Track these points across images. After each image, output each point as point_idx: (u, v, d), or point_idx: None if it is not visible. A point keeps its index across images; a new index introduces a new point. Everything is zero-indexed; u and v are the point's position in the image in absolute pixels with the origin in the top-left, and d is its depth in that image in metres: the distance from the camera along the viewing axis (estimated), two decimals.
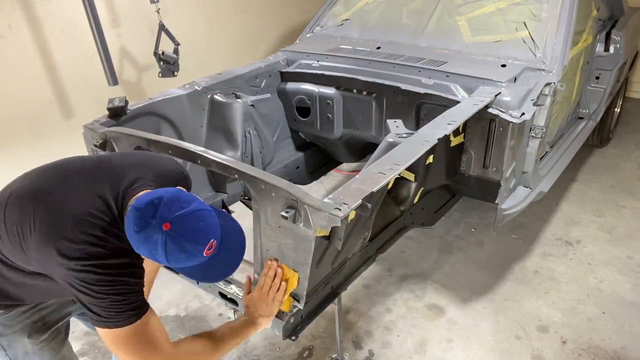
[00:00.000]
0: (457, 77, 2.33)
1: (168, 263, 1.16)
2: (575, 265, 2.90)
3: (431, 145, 1.74)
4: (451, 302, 2.67)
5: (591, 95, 3.56)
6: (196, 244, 1.15)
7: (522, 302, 2.65)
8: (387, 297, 2.73)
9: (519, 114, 2.14)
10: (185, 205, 1.15)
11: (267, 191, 1.46)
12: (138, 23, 3.49)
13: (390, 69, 2.52)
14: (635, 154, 4.11)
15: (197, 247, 1.15)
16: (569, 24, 2.50)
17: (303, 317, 1.67)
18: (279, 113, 2.86)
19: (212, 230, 1.19)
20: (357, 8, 3.11)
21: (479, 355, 2.35)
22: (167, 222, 1.12)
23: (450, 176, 2.35)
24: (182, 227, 1.13)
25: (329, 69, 2.68)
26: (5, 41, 2.88)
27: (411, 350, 2.40)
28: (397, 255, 3.04)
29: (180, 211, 1.13)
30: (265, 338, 2.51)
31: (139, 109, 2.19)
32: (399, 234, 2.18)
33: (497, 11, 2.64)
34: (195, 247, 1.15)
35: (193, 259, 1.17)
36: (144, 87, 3.60)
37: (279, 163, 2.88)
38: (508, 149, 2.19)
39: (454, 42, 2.65)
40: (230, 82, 2.57)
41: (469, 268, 2.93)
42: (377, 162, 1.64)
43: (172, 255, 1.14)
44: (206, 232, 1.17)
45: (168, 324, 2.65)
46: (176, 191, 1.19)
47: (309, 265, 1.46)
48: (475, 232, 3.24)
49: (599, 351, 2.34)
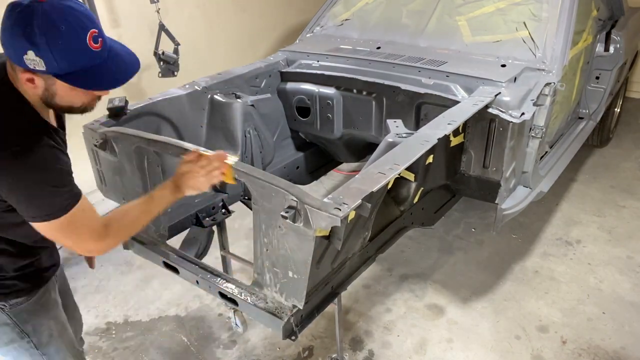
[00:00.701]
0: (457, 77, 2.33)
1: (55, 60, 1.11)
2: (575, 265, 2.90)
3: (431, 145, 1.74)
4: (451, 302, 2.67)
5: (591, 95, 3.56)
6: (78, 26, 1.12)
7: (522, 302, 2.65)
8: (387, 297, 2.73)
9: (519, 114, 2.14)
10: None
11: (267, 191, 1.46)
12: (138, 23, 3.49)
13: (390, 69, 2.52)
14: (635, 154, 4.11)
15: (79, 30, 1.12)
16: (569, 24, 2.50)
17: (303, 317, 1.67)
18: (279, 113, 2.86)
19: (92, 20, 1.16)
20: (357, 8, 3.11)
21: (479, 355, 2.35)
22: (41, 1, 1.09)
23: (450, 176, 2.35)
24: (58, 6, 1.11)
25: (329, 69, 2.68)
26: None
27: (411, 350, 2.40)
28: (397, 255, 3.04)
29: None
30: (265, 338, 2.51)
31: (139, 109, 2.19)
32: (399, 234, 2.18)
33: (497, 11, 2.64)
34: (77, 30, 1.12)
35: (80, 53, 1.13)
36: (144, 87, 3.60)
37: (279, 163, 2.88)
38: (508, 149, 2.19)
39: (454, 42, 2.65)
40: (230, 82, 2.57)
41: (469, 268, 2.93)
42: (377, 162, 1.64)
43: (53, 42, 1.09)
44: (86, 18, 1.14)
45: (168, 324, 2.66)
46: None
47: (309, 265, 1.46)
48: (475, 232, 3.24)
49: (599, 351, 2.34)
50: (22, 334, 1.40)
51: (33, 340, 1.43)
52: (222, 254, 2.45)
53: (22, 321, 1.40)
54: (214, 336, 2.56)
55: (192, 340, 2.55)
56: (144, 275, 3.02)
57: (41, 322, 1.44)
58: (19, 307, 1.38)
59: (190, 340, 2.55)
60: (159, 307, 2.77)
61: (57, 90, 1.19)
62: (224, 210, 2.39)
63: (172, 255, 1.89)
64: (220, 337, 2.55)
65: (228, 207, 2.42)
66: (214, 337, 2.55)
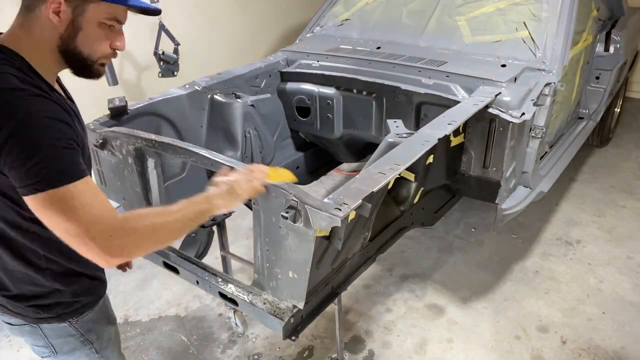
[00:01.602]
0: (457, 77, 2.33)
1: None
2: (575, 265, 2.90)
3: (431, 145, 1.74)
4: (451, 302, 2.67)
5: (591, 95, 3.56)
6: None
7: (522, 302, 2.65)
8: (387, 297, 2.73)
9: (519, 114, 2.14)
10: None
11: (267, 191, 1.46)
12: (138, 23, 3.48)
13: (390, 69, 2.52)
14: (635, 154, 4.11)
15: None
16: (569, 24, 2.50)
17: (303, 317, 1.67)
18: (279, 113, 2.86)
19: None
20: (357, 8, 3.11)
21: (479, 355, 2.35)
22: None
23: (450, 176, 2.35)
24: None
25: (329, 69, 2.68)
26: None
27: (411, 350, 2.40)
28: (397, 255, 3.04)
29: None
30: (265, 338, 2.51)
31: (139, 109, 2.19)
32: (399, 234, 2.18)
33: (497, 11, 2.64)
34: None
35: None
36: (144, 87, 3.60)
37: (279, 163, 2.88)
38: (508, 149, 2.20)
39: (454, 42, 2.65)
40: (230, 82, 2.57)
41: (469, 268, 2.93)
42: (377, 162, 1.64)
43: None
44: None
45: (168, 324, 2.66)
46: None
47: (309, 266, 1.46)
48: (475, 232, 3.24)
49: (599, 351, 2.34)
50: (86, 342, 1.37)
51: (95, 346, 1.39)
52: (222, 254, 2.45)
53: (87, 330, 1.36)
54: (214, 336, 2.56)
55: (192, 340, 2.55)
56: (144, 275, 3.02)
57: (103, 329, 1.41)
58: (85, 319, 1.34)
59: (190, 340, 2.55)
60: (159, 307, 2.77)
61: (83, 24, 1.12)
62: None
63: (172, 255, 1.89)
64: (220, 337, 2.55)
65: None
66: (214, 337, 2.55)
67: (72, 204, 1.01)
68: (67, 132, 1.06)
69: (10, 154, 1.01)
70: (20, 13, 1.13)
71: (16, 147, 1.00)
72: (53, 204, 1.01)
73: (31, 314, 1.27)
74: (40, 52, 1.13)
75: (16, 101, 1.03)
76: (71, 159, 1.04)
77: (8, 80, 1.05)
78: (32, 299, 1.26)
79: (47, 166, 1.00)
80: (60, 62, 1.17)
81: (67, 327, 1.32)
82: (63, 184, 1.01)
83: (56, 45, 1.13)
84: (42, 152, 1.00)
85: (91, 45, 1.16)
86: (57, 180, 1.01)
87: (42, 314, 1.27)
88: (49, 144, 1.02)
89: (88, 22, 1.12)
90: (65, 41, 1.13)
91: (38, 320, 1.29)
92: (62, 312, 1.29)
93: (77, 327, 1.33)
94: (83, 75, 1.22)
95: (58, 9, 1.09)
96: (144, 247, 1.10)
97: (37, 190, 1.00)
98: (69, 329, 1.32)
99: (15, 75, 1.06)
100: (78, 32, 1.12)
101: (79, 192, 1.02)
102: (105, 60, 1.22)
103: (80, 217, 1.01)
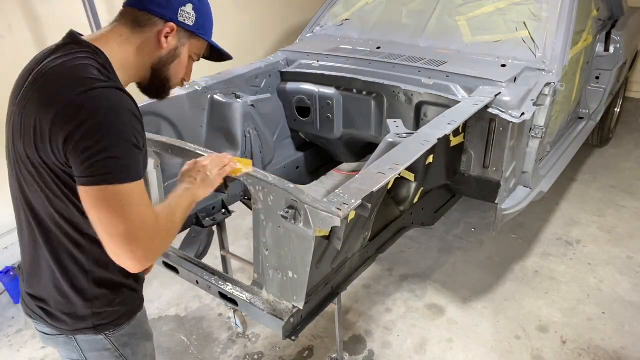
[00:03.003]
0: (457, 77, 2.33)
1: (200, 17, 1.23)
2: (575, 265, 2.90)
3: (431, 145, 1.74)
4: (451, 302, 2.67)
5: (591, 95, 3.56)
6: None
7: (522, 302, 2.65)
8: (387, 297, 2.73)
9: (519, 114, 2.14)
10: None
11: (267, 191, 1.46)
12: None
13: (390, 69, 2.52)
14: (635, 154, 4.11)
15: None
16: (569, 24, 2.50)
17: (303, 317, 1.67)
18: (279, 113, 2.86)
19: None
20: (357, 8, 3.11)
21: (479, 355, 2.35)
22: None
23: (450, 176, 2.35)
24: None
25: (329, 69, 2.68)
26: (5, 41, 2.88)
27: (411, 350, 2.40)
28: (397, 255, 3.04)
29: None
30: (265, 338, 2.51)
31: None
32: (399, 234, 2.18)
33: (497, 11, 2.64)
34: None
35: (208, 9, 1.28)
36: None
37: (279, 163, 2.88)
38: (508, 149, 2.20)
39: (454, 42, 2.65)
40: (230, 82, 2.57)
41: (469, 268, 2.93)
42: (377, 162, 1.64)
43: None
44: None
45: (168, 324, 2.65)
46: None
47: (309, 266, 1.46)
48: (475, 232, 3.24)
49: (599, 351, 2.34)
50: (121, 357, 1.33)
51: None
52: (222, 254, 2.45)
53: (122, 345, 1.32)
54: (214, 336, 2.56)
55: (192, 340, 2.55)
56: None
57: (138, 344, 1.36)
58: (122, 332, 1.30)
59: (190, 340, 2.55)
60: (159, 307, 2.77)
61: (182, 53, 1.25)
62: (224, 210, 2.39)
63: (172, 255, 1.90)
64: (220, 337, 2.55)
65: (228, 207, 2.42)
66: (214, 337, 2.55)
67: (128, 202, 1.02)
68: (140, 132, 1.09)
69: (85, 140, 1.00)
70: (120, 22, 1.19)
71: (95, 134, 1.00)
72: (109, 199, 1.01)
73: (68, 324, 1.24)
74: (132, 62, 1.20)
75: (102, 92, 1.05)
76: (138, 158, 1.07)
77: (92, 72, 1.08)
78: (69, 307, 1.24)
79: (118, 161, 1.01)
80: (141, 76, 1.25)
81: (103, 339, 1.28)
82: (127, 181, 1.02)
83: (151, 63, 1.22)
84: (119, 147, 1.01)
85: (177, 72, 1.28)
86: (123, 177, 1.02)
87: (78, 324, 1.24)
88: (127, 139, 1.03)
89: (185, 52, 1.26)
90: (163, 63, 1.23)
91: (74, 332, 1.26)
92: (98, 323, 1.25)
93: (113, 340, 1.29)
94: (150, 93, 1.30)
95: (169, 35, 1.20)
96: (167, 246, 1.16)
97: (100, 182, 1.00)
98: (105, 342, 1.29)
99: (98, 69, 1.10)
100: (175, 58, 1.25)
101: (135, 192, 1.04)
102: (183, 81, 1.34)
103: (132, 216, 1.02)
